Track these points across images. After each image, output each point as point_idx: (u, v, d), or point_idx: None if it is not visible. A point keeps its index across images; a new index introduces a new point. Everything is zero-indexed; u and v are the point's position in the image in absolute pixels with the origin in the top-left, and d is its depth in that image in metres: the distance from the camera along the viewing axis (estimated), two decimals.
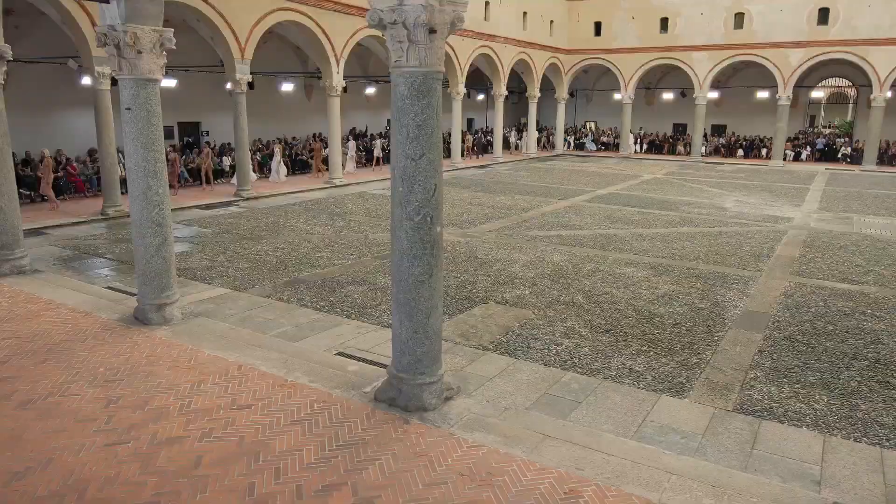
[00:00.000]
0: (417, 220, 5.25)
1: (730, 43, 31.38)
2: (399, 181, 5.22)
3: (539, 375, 6.65)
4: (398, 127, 5.16)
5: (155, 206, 7.45)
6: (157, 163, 7.40)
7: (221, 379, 6.15)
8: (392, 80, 5.20)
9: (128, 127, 7.24)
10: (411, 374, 5.53)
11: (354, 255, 11.90)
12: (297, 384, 6.06)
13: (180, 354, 6.76)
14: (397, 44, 4.98)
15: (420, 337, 5.47)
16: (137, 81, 7.14)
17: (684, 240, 13.98)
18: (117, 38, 6.97)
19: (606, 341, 7.70)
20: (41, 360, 6.53)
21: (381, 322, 8.25)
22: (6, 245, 9.71)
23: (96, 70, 14.28)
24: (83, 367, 6.36)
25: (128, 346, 6.97)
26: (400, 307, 5.46)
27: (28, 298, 8.62)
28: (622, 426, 5.61)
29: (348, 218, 15.90)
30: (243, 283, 9.93)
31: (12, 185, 9.78)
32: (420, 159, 5.15)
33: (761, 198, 21.00)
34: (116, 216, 15.06)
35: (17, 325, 7.57)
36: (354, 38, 21.16)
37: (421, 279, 5.37)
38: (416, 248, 5.30)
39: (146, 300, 7.64)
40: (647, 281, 10.47)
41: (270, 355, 6.76)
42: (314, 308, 8.77)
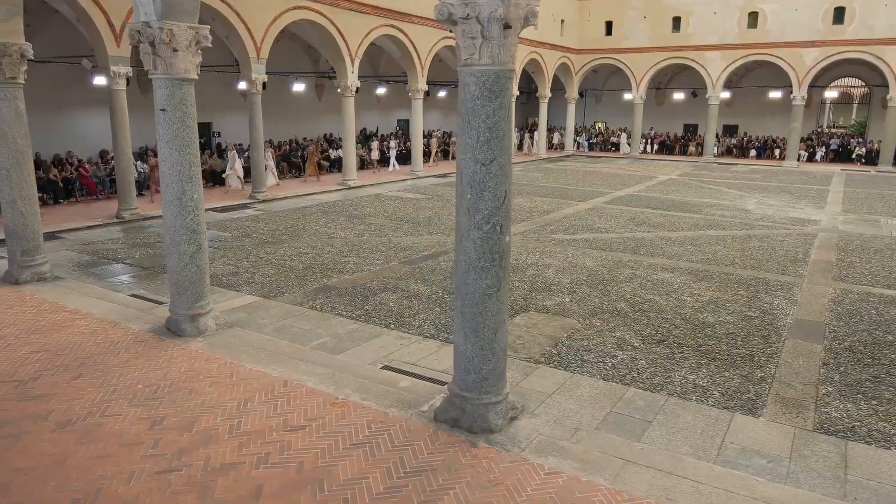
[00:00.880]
0: (486, 230, 4.90)
1: (743, 42, 31.04)
2: (467, 187, 4.87)
3: (600, 391, 6.30)
4: (467, 129, 4.81)
5: (190, 211, 7.10)
6: (192, 166, 7.05)
7: (268, 396, 5.80)
8: (461, 80, 4.84)
9: (162, 129, 6.89)
10: (476, 393, 5.18)
11: (381, 260, 11.55)
12: (348, 402, 5.71)
13: (220, 369, 6.40)
14: (469, 40, 4.63)
15: (486, 354, 5.12)
16: (173, 81, 6.78)
17: (714, 243, 13.63)
18: (152, 36, 6.62)
19: (662, 353, 7.35)
20: (74, 375, 6.17)
21: (421, 332, 7.90)
22: (27, 251, 9.36)
23: (112, 69, 13.92)
24: (120, 384, 6.00)
25: (164, 359, 6.62)
26: (465, 322, 5.11)
27: (52, 307, 8.26)
28: (701, 448, 5.25)
29: (367, 221, 15.54)
30: (272, 290, 9.57)
31: (32, 189, 9.42)
32: (491, 164, 4.80)
33: (782, 199, 20.67)
34: (132, 219, 14.71)
35: (44, 336, 7.21)
36: (369, 38, 20.81)
37: (489, 292, 5.02)
38: (485, 260, 4.95)
39: (179, 311, 7.29)
40: (688, 287, 10.12)
41: (315, 370, 6.40)
42: (350, 317, 8.42)
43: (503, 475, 4.62)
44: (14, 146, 9.04)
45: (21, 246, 9.30)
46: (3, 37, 8.76)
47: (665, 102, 38.79)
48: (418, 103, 23.74)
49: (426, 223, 15.36)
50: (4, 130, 8.96)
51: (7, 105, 8.93)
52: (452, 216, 16.47)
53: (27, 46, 9.03)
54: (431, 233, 14.22)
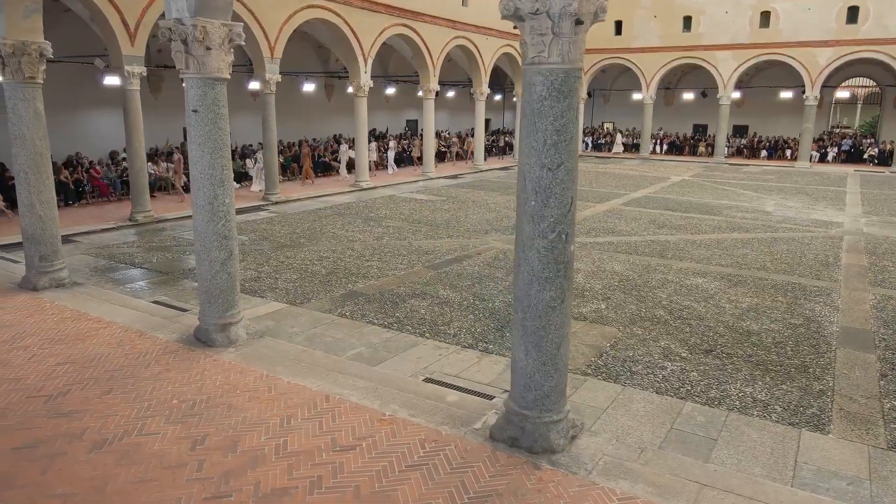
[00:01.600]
0: (552, 239, 4.61)
1: (755, 42, 30.74)
2: (531, 194, 4.58)
3: (656, 406, 6.01)
4: (532, 132, 4.51)
5: (221, 217, 6.81)
6: (223, 170, 6.76)
7: (311, 413, 5.51)
8: (526, 79, 4.55)
9: (194, 131, 6.60)
10: (537, 411, 4.89)
11: (405, 265, 11.26)
12: (396, 419, 5.42)
13: (257, 383, 6.11)
14: (538, 37, 4.34)
15: (549, 370, 4.83)
16: (205, 81, 6.49)
17: (741, 247, 13.34)
18: (184, 33, 6.33)
19: (712, 364, 7.05)
20: (105, 390, 5.88)
21: (458, 342, 7.61)
22: (45, 256, 9.06)
23: (126, 69, 13.62)
24: (154, 399, 5.71)
25: (196, 372, 6.33)
26: (527, 336, 4.82)
27: (74, 315, 7.97)
28: (775, 469, 4.96)
29: (385, 223, 15.25)
30: (297, 296, 9.28)
31: (51, 192, 9.12)
32: (558, 169, 4.51)
33: (801, 201, 20.38)
34: (146, 222, 14.41)
35: (69, 347, 6.91)
36: (382, 37, 20.53)
37: (552, 305, 4.73)
38: (549, 270, 4.66)
39: (210, 320, 7.00)
40: (724, 293, 9.83)
41: (356, 383, 6.11)
42: (382, 325, 8.13)
43: (573, 501, 4.33)
44: (33, 148, 8.75)
45: (39, 251, 9.00)
46: (22, 35, 8.47)
47: (674, 102, 38.49)
48: (430, 103, 23.45)
49: (444, 226, 15.07)
50: (23, 132, 8.67)
51: (26, 106, 8.64)
52: (470, 218, 16.27)
53: (46, 45, 8.74)
54: (451, 236, 13.93)
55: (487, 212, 17.14)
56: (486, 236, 13.94)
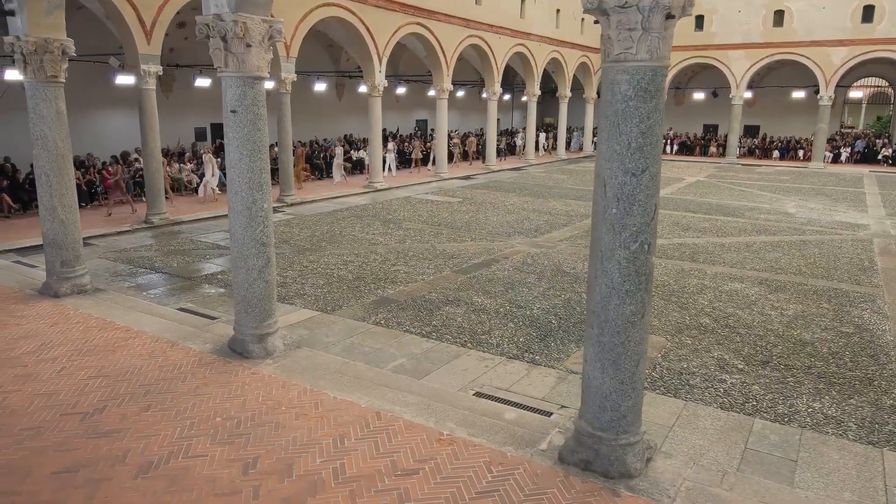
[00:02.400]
0: (634, 249, 4.29)
1: (768, 42, 30.46)
2: (612, 201, 4.26)
3: (723, 423, 5.70)
4: (615, 135, 4.20)
5: (259, 223, 6.48)
6: (262, 173, 6.44)
7: (364, 432, 5.19)
8: (608, 78, 4.23)
9: (231, 132, 6.27)
10: (613, 432, 4.57)
11: (432, 269, 10.94)
12: (455, 439, 5.10)
13: (301, 398, 5.79)
14: (625, 32, 4.02)
15: (627, 389, 4.52)
16: (245, 80, 6.17)
17: (771, 250, 13.04)
18: (224, 30, 6.01)
19: (772, 377, 6.74)
20: (143, 406, 5.56)
21: (503, 352, 7.29)
22: (67, 262, 8.74)
23: (142, 68, 13.30)
24: (196, 416, 5.39)
25: (236, 386, 6.01)
26: (604, 353, 4.50)
27: (100, 324, 7.64)
28: (866, 495, 4.65)
29: (404, 225, 14.93)
30: (328, 303, 8.97)
31: (73, 196, 8.80)
32: (642, 174, 4.19)
33: (821, 203, 20.08)
34: (161, 224, 14.09)
35: (99, 359, 6.59)
36: (397, 36, 20.20)
37: (633, 319, 4.41)
38: (630, 283, 4.34)
39: (246, 330, 6.68)
40: (765, 299, 9.52)
41: (406, 398, 5.79)
42: (420, 334, 7.81)
43: None
44: (55, 149, 8.43)
45: (61, 256, 8.68)
46: (45, 32, 8.16)
47: (684, 102, 38.18)
48: (443, 103, 23.13)
49: (466, 228, 14.76)
50: (45, 132, 8.35)
51: (48, 105, 8.32)
52: (491, 221, 15.95)
53: (69, 43, 8.42)
54: (474, 239, 13.62)
55: (507, 214, 16.83)
56: (509, 239, 13.63)
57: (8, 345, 6.92)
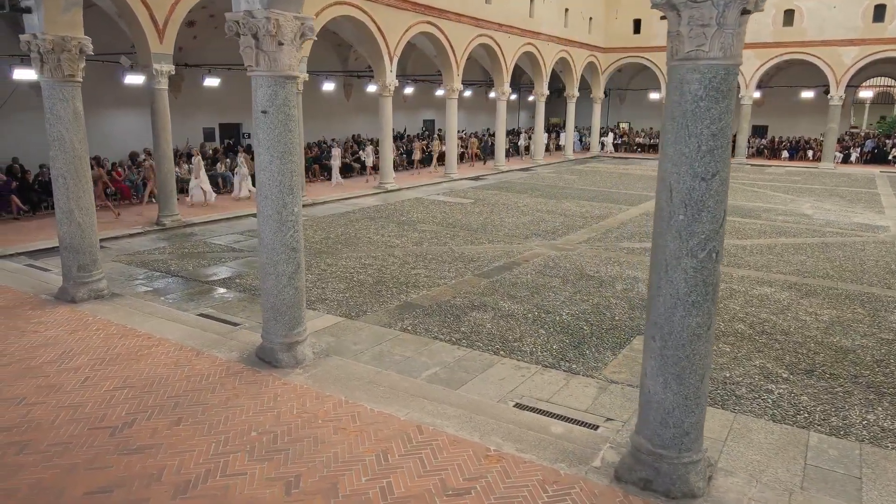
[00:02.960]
0: (701, 258, 4.07)
1: (779, 41, 30.20)
2: (679, 206, 4.03)
3: (778, 437, 5.47)
4: (683, 137, 3.97)
5: (290, 227, 6.25)
6: (293, 176, 6.21)
7: (408, 447, 4.96)
8: (676, 77, 4.00)
9: (262, 133, 6.05)
10: (675, 450, 4.34)
11: (453, 273, 10.71)
12: (504, 455, 4.87)
13: (337, 410, 5.56)
14: (698, 28, 3.79)
15: (691, 404, 4.29)
16: (276, 79, 5.94)
17: (794, 252, 12.82)
18: (255, 27, 5.78)
19: (819, 386, 6.51)
20: (174, 420, 5.33)
21: (537, 360, 7.06)
22: (84, 266, 8.51)
23: (154, 67, 13.07)
24: (230, 431, 5.16)
25: (268, 398, 5.78)
26: (666, 367, 4.27)
27: (120, 331, 7.41)
28: None
29: (419, 227, 14.71)
30: (351, 308, 8.74)
31: (90, 198, 8.57)
32: (712, 179, 3.96)
33: (836, 204, 19.86)
34: (174, 226, 13.86)
35: (123, 368, 6.36)
36: (408, 35, 19.98)
37: (698, 332, 4.19)
38: (697, 294, 4.11)
39: (275, 338, 6.45)
40: (798, 304, 9.30)
41: (446, 410, 5.57)
42: (450, 341, 7.58)
43: None
44: (72, 151, 8.21)
45: (78, 261, 8.45)
46: (62, 30, 7.93)
47: None
48: (453, 103, 22.89)
49: (482, 230, 14.53)
50: (62, 133, 8.13)
51: (65, 106, 8.10)
52: (506, 222, 15.73)
53: (86, 41, 8.19)
54: (491, 241, 13.39)
55: (521, 215, 16.60)
56: (527, 241, 13.40)
57: (28, 353, 6.69)
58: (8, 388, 5.84)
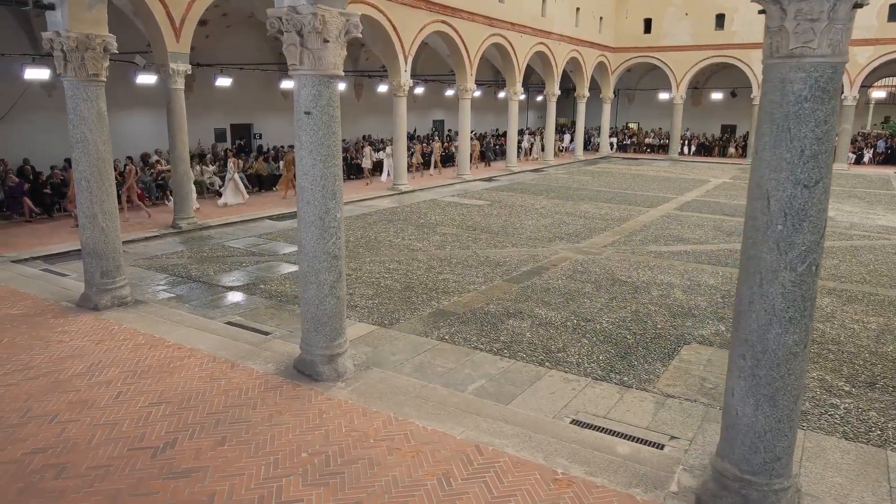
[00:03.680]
0: (801, 271, 3.77)
1: None
2: (779, 216, 3.74)
3: (854, 457, 5.17)
4: (784, 141, 3.68)
5: (332, 234, 5.96)
6: (336, 180, 5.91)
7: (469, 470, 4.66)
8: (776, 76, 3.71)
9: (305, 135, 5.75)
10: (766, 476, 4.05)
11: (482, 278, 10.41)
12: (573, 478, 4.57)
13: (388, 428, 5.26)
14: (806, 23, 3.50)
15: (784, 428, 4.00)
16: (321, 78, 5.65)
17: (826, 256, 12.51)
18: (300, 24, 5.48)
19: (885, 400, 6.22)
20: (217, 439, 5.04)
21: (586, 372, 6.77)
22: (107, 272, 8.21)
23: (170, 66, 12.77)
24: (279, 452, 4.86)
25: (313, 414, 5.48)
26: (759, 387, 3.98)
27: (149, 341, 7.12)
28: None
29: (439, 230, 14.41)
30: (383, 316, 8.44)
31: (114, 202, 8.28)
32: (815, 186, 3.67)
33: (856, 205, 19.58)
34: (190, 229, 13.56)
35: (156, 382, 6.07)
36: (422, 34, 19.69)
37: (795, 350, 3.89)
38: (794, 309, 3.82)
39: (315, 350, 6.15)
40: (842, 311, 9.01)
41: (503, 429, 5.27)
42: (491, 352, 7.28)
43: None
44: (96, 153, 7.91)
45: (101, 266, 8.15)
46: (86, 27, 7.63)
47: (701, 103, 37.65)
48: (466, 103, 22.60)
49: (503, 233, 14.23)
50: (85, 134, 7.83)
51: (89, 106, 7.80)
52: (526, 225, 15.43)
53: (111, 39, 7.89)
54: (515, 244, 13.09)
55: (541, 217, 16.31)
56: (551, 245, 13.11)
57: (55, 365, 6.39)
58: (39, 405, 5.55)
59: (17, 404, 5.55)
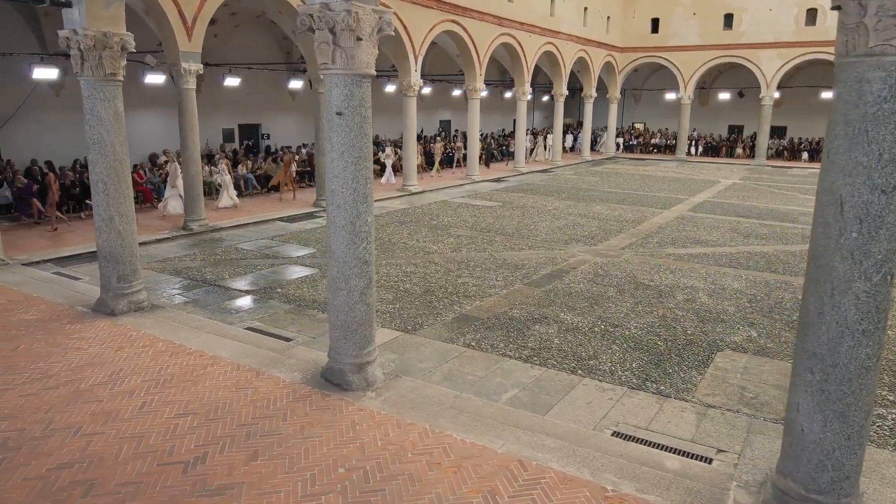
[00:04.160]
0: (876, 281, 3.58)
1: (801, 40, 29.70)
2: (853, 223, 3.54)
3: None
4: (861, 143, 3.48)
5: (363, 238, 5.77)
6: (367, 183, 5.72)
7: (515, 486, 4.46)
8: (850, 76, 3.52)
9: (336, 137, 5.55)
10: (834, 496, 3.86)
11: (501, 281, 10.22)
12: (624, 496, 4.37)
13: (425, 441, 5.07)
14: (889, 19, 3.30)
15: (853, 445, 3.80)
16: (353, 78, 5.45)
17: None
18: (333, 21, 5.29)
19: None
20: (249, 453, 4.84)
21: (620, 381, 6.57)
22: (123, 276, 8.02)
23: (182, 66, 12.57)
24: (314, 467, 4.67)
25: (345, 426, 5.28)
26: (828, 403, 3.78)
27: (169, 348, 6.92)
28: None
29: (453, 232, 14.21)
30: (406, 321, 8.25)
31: (131, 204, 8.08)
32: (894, 192, 3.47)
33: None
34: (201, 231, 13.36)
35: (181, 392, 5.87)
36: (432, 34, 19.48)
37: (867, 364, 3.70)
38: (868, 321, 3.63)
39: (344, 359, 5.95)
40: None
41: (544, 442, 5.07)
42: (520, 359, 7.09)
43: None
44: (112, 154, 7.72)
45: (118, 271, 7.96)
46: (104, 25, 7.43)
47: (708, 103, 37.44)
48: (475, 103, 22.41)
49: (517, 235, 14.03)
50: (102, 135, 7.64)
51: (106, 106, 7.61)
52: (540, 227, 15.23)
53: (129, 37, 7.70)
54: (531, 246, 12.90)
55: (554, 219, 16.11)
56: (567, 247, 12.91)
57: (74, 373, 6.20)
58: (61, 416, 5.35)
59: (39, 415, 5.36)
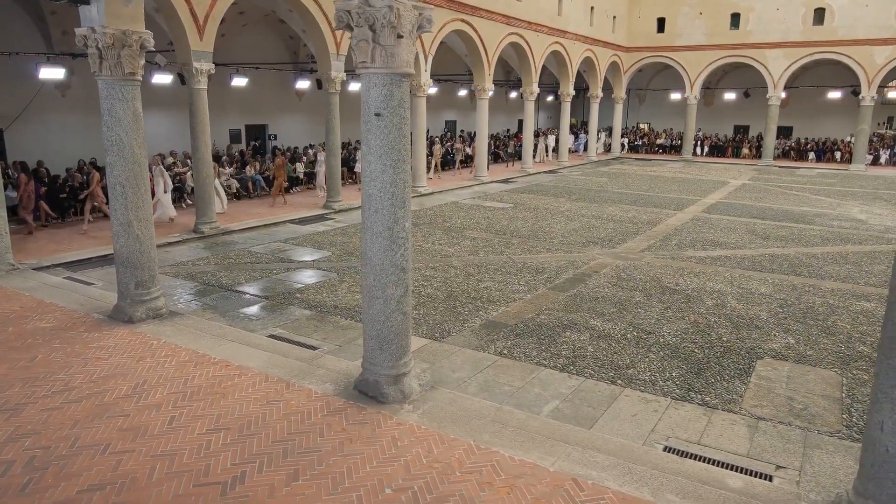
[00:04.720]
0: None
1: (808, 40, 29.53)
2: None
3: None
4: None
5: (400, 245, 5.52)
6: (405, 187, 5.48)
7: None
8: None
9: (374, 139, 5.31)
10: None
11: (524, 286, 9.99)
12: None
13: (471, 458, 4.83)
14: None
15: None
16: (393, 77, 5.21)
17: (871, 262, 12.13)
18: (373, 17, 5.04)
19: None
20: (289, 473, 4.59)
21: (662, 391, 6.34)
22: (141, 283, 7.76)
23: (193, 66, 12.31)
24: (359, 487, 4.43)
25: (386, 442, 5.04)
26: None
27: (193, 358, 6.67)
28: None
29: (467, 234, 13.98)
30: (433, 328, 8.01)
31: (149, 208, 7.83)
32: None
33: (884, 208, 19.22)
34: (212, 234, 13.10)
35: (209, 405, 5.62)
36: (442, 33, 19.26)
37: None
38: None
39: (380, 370, 5.71)
40: None
41: (595, 458, 4.84)
42: (556, 368, 6.85)
43: None
44: (131, 156, 7.46)
45: (136, 277, 7.70)
46: (123, 23, 7.18)
47: (713, 103, 37.27)
48: (484, 103, 22.17)
49: (534, 237, 13.80)
50: (120, 136, 7.38)
51: (124, 106, 7.35)
52: (555, 229, 14.99)
53: (148, 36, 7.44)
54: (549, 249, 12.67)
55: (568, 221, 15.88)
56: (586, 250, 12.69)
57: (97, 386, 5.95)
58: (87, 432, 5.10)
59: (64, 432, 5.11)
